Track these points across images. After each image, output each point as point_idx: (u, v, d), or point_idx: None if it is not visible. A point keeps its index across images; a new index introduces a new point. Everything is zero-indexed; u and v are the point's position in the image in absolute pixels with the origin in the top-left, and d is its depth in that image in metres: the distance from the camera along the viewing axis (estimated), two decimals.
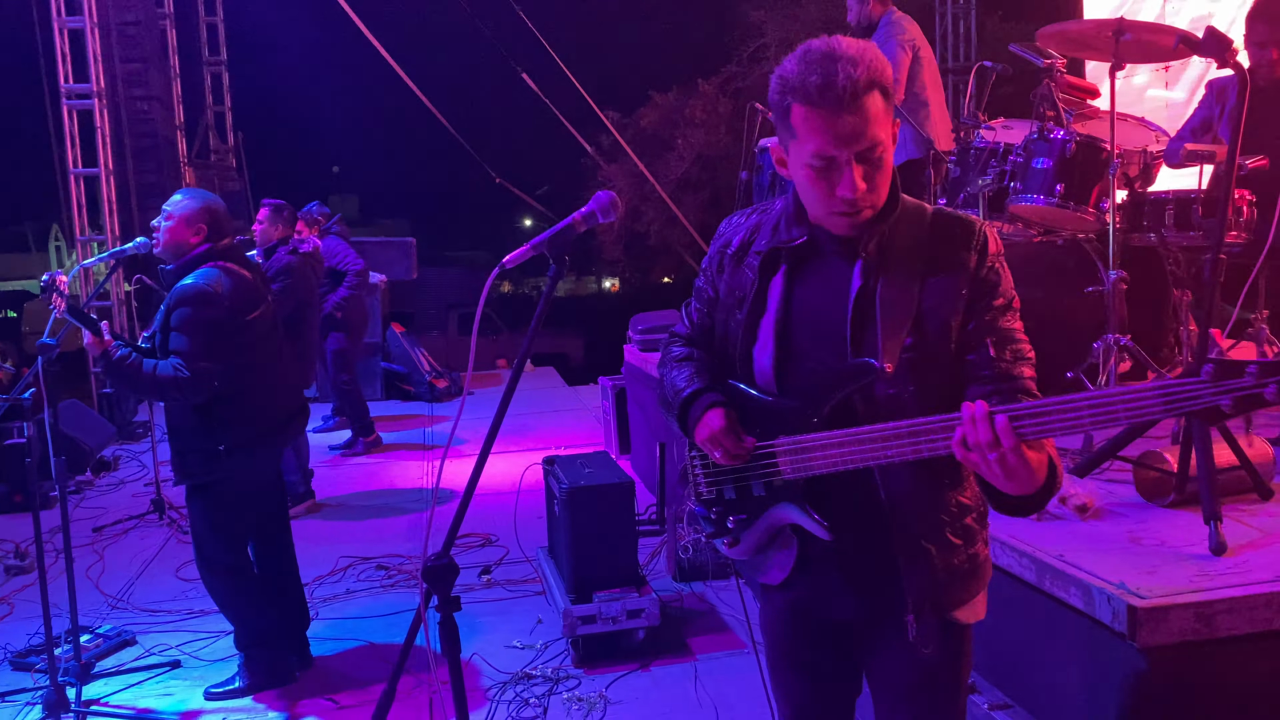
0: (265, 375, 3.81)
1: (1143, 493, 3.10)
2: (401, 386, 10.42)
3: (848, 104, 1.67)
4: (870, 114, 1.69)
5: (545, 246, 1.83)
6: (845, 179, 1.72)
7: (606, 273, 33.80)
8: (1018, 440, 1.58)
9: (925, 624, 1.85)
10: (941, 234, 1.83)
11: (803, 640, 2.05)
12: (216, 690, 3.88)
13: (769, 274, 1.90)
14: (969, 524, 1.89)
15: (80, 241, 9.52)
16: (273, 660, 3.92)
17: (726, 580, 4.82)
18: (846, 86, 1.66)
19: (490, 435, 1.80)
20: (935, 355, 1.79)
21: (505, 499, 5.88)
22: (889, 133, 1.74)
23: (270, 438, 3.85)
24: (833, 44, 1.71)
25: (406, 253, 12.02)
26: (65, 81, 9.37)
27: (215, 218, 3.76)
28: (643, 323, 6.75)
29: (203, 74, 14.38)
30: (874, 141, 1.70)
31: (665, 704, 3.69)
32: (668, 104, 16.90)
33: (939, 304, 1.79)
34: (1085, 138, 4.13)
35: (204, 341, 3.55)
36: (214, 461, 3.67)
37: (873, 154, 1.72)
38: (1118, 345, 3.92)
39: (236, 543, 3.86)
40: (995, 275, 1.83)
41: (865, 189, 1.73)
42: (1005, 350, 1.80)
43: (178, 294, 3.61)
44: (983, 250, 1.82)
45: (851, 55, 1.68)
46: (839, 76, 1.66)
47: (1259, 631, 2.36)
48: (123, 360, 3.53)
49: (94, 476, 7.36)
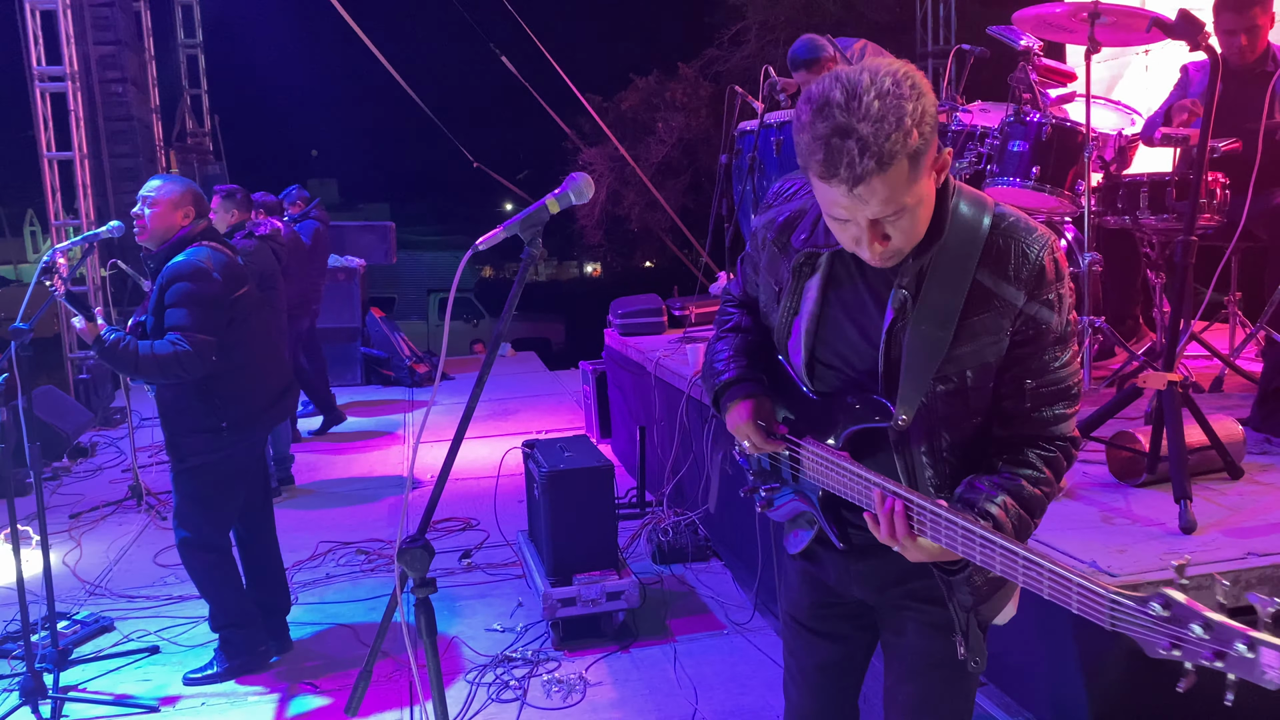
0: (256, 351, 3.86)
1: (1115, 473, 3.13)
2: (381, 371, 10.40)
3: (855, 186, 1.49)
4: (883, 192, 1.50)
5: (518, 228, 1.82)
6: (862, 244, 1.60)
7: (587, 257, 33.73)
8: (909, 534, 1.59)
9: (973, 638, 1.78)
10: (992, 259, 1.64)
11: (819, 608, 2.03)
12: (195, 675, 3.88)
13: (805, 275, 1.79)
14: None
15: (55, 226, 9.42)
16: (250, 640, 3.93)
17: (706, 562, 4.85)
18: (851, 174, 1.48)
19: (463, 421, 1.80)
20: (974, 400, 1.70)
21: (486, 483, 5.89)
22: (918, 189, 1.54)
23: (265, 413, 3.90)
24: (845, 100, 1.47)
25: (385, 237, 11.96)
26: (38, 64, 9.25)
27: (198, 199, 3.81)
28: (623, 307, 6.75)
29: (178, 56, 14.22)
30: (890, 211, 1.53)
31: (645, 685, 3.71)
32: (648, 87, 16.84)
33: (979, 346, 1.66)
34: (1061, 121, 4.16)
35: (202, 314, 3.58)
36: (217, 439, 3.71)
37: (890, 216, 1.55)
38: (1091, 327, 3.96)
39: (225, 522, 3.89)
40: (1046, 310, 1.66)
41: (885, 249, 1.59)
42: (1042, 393, 1.69)
43: (171, 271, 3.63)
44: (1033, 284, 1.64)
45: (864, 132, 1.45)
46: (843, 163, 1.47)
47: (1227, 608, 2.39)
48: (117, 343, 3.54)
49: (71, 463, 7.32)
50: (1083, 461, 3.28)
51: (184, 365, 3.54)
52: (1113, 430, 3.18)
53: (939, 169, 1.60)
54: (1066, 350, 1.70)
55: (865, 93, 1.47)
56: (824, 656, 2.06)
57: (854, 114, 1.47)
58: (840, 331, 1.77)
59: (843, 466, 1.73)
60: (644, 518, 5.32)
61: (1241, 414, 3.42)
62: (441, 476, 1.82)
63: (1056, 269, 1.66)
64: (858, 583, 1.92)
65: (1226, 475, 3.05)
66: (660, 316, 6.65)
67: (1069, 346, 1.71)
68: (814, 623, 2.05)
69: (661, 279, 16.95)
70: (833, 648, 2.05)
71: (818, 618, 2.04)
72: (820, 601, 2.03)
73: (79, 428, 7.78)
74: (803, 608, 2.06)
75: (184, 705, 3.75)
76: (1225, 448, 3.01)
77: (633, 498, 5.57)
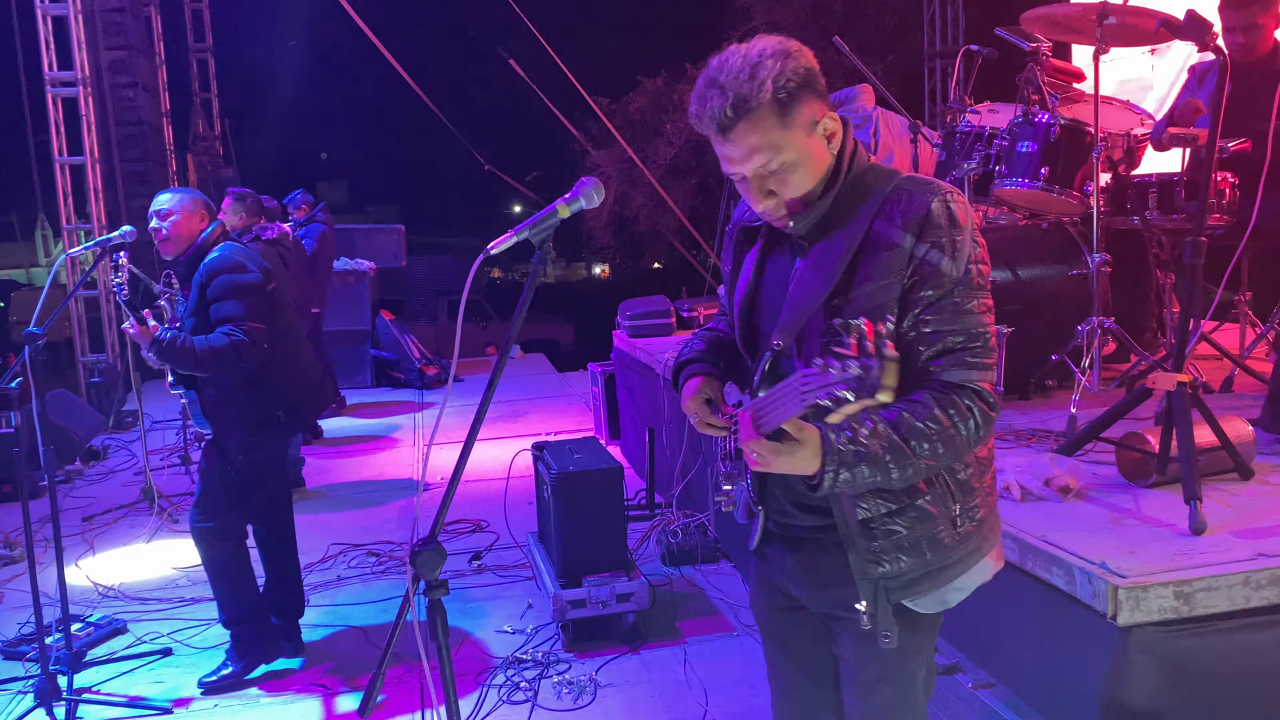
0: (294, 344, 3.95)
1: (1125, 474, 3.13)
2: (391, 374, 10.43)
3: (723, 133, 1.69)
4: (749, 140, 1.68)
5: (528, 233, 1.83)
6: (747, 197, 1.76)
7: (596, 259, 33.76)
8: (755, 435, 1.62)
9: (880, 610, 1.79)
10: (885, 211, 1.72)
11: (777, 616, 2.04)
12: (210, 680, 3.87)
13: (744, 251, 1.95)
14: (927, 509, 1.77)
15: (67, 230, 9.47)
16: (262, 635, 3.94)
17: (716, 564, 4.86)
18: (715, 118, 1.68)
19: (475, 424, 1.81)
20: None
21: (496, 485, 5.90)
22: (795, 144, 1.69)
23: (307, 404, 4.00)
24: (717, 65, 1.70)
25: (395, 240, 12.00)
26: (49, 69, 9.30)
27: (208, 204, 3.88)
28: (631, 309, 6.76)
29: (188, 60, 14.30)
30: (762, 160, 1.69)
31: (655, 686, 3.72)
32: (656, 89, 16.83)
33: (872, 287, 1.70)
34: (1069, 121, 4.15)
35: (252, 303, 3.67)
36: (272, 430, 3.81)
37: (768, 168, 1.70)
38: (1102, 328, 3.96)
39: (249, 514, 3.94)
40: (936, 254, 1.68)
41: (771, 204, 1.75)
42: (939, 340, 1.69)
43: (210, 268, 3.70)
44: (920, 226, 1.69)
45: (724, 82, 1.66)
46: (706, 111, 1.68)
47: (1237, 609, 2.39)
48: (174, 341, 3.60)
49: (83, 466, 7.35)
50: (1092, 462, 3.28)
51: (241, 354, 3.60)
52: (1122, 431, 3.18)
53: (829, 135, 1.74)
54: (970, 299, 1.70)
55: (731, 56, 1.70)
56: (786, 670, 2.07)
57: (719, 71, 1.69)
58: (770, 297, 1.87)
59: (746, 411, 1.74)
60: (653, 519, 5.33)
61: (1252, 414, 3.41)
62: (454, 479, 1.83)
63: (950, 217, 1.70)
64: (793, 579, 1.94)
65: (1237, 476, 3.04)
66: (668, 318, 6.66)
67: (973, 296, 1.71)
68: (773, 626, 2.07)
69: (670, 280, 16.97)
70: (791, 662, 2.05)
71: (775, 621, 2.06)
72: (774, 604, 2.04)
73: (91, 431, 7.83)
74: (763, 611, 2.09)
75: (197, 707, 3.77)
76: (1235, 448, 3.01)
77: (642, 499, 5.58)
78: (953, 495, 1.80)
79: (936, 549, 1.80)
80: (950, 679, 2.92)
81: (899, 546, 1.78)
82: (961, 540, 1.82)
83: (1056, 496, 2.97)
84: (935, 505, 1.78)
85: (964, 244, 1.70)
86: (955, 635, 3.06)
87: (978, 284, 1.72)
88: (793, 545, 1.92)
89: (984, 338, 1.72)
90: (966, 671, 2.94)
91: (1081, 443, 3.32)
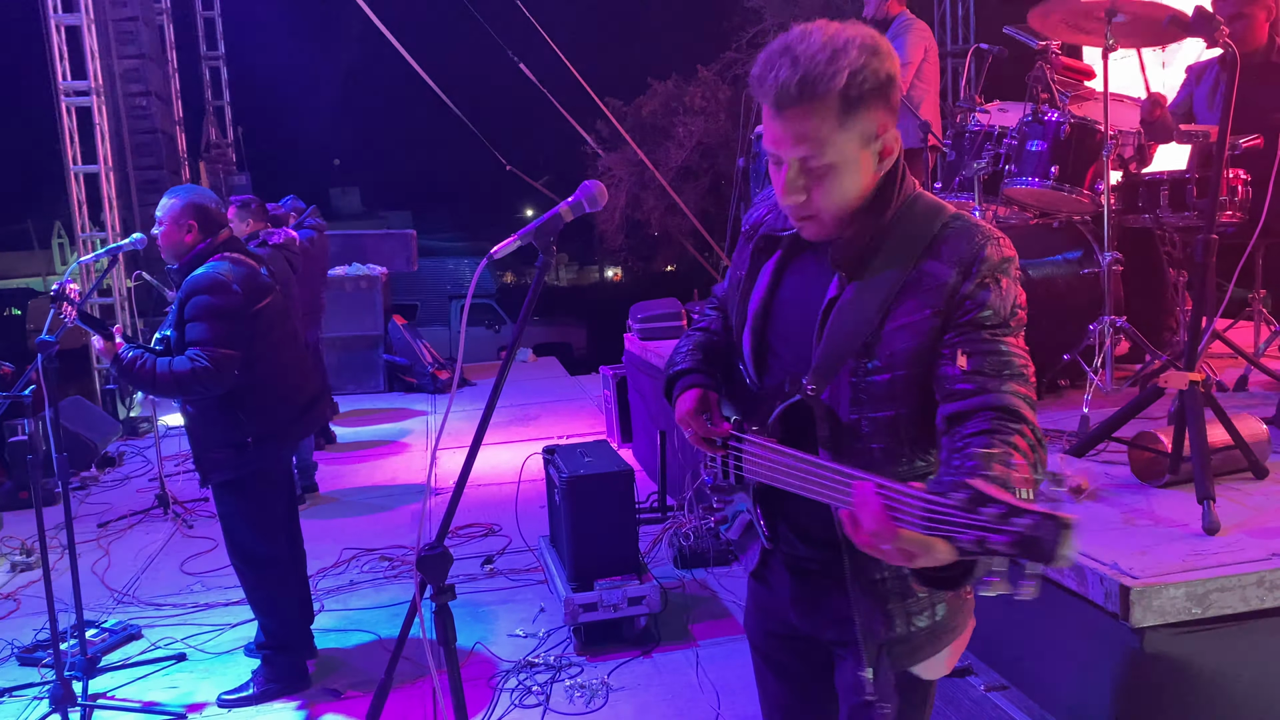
0: (283, 362, 3.82)
1: (1138, 473, 3.10)
2: (404, 378, 10.47)
3: (780, 107, 1.55)
4: (803, 126, 1.54)
5: (532, 237, 1.83)
6: (776, 184, 1.63)
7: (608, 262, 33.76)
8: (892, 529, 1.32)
9: (882, 678, 1.69)
10: (934, 249, 1.62)
11: (773, 638, 1.97)
12: (230, 696, 3.85)
13: (762, 259, 1.81)
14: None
15: (82, 238, 9.54)
16: (293, 666, 3.91)
17: (728, 567, 4.85)
18: (776, 89, 1.54)
19: (480, 428, 1.81)
20: (900, 384, 1.61)
21: (507, 488, 5.91)
22: (845, 147, 1.56)
23: (293, 426, 3.87)
24: (799, 35, 1.56)
25: (406, 245, 12.04)
26: (63, 79, 9.37)
27: (202, 212, 3.74)
28: (643, 311, 6.76)
29: (201, 69, 14.38)
30: (807, 153, 1.56)
31: (667, 690, 3.72)
32: (667, 92, 16.84)
33: (906, 325, 1.60)
34: (1080, 120, 4.13)
35: (223, 329, 3.55)
36: (243, 454, 3.67)
37: (809, 164, 1.57)
38: (1114, 327, 3.93)
39: (272, 534, 3.84)
40: (983, 292, 1.58)
41: (798, 202, 1.61)
42: (984, 362, 1.55)
43: (189, 285, 3.61)
44: (969, 265, 1.58)
45: (799, 54, 1.52)
46: (769, 77, 1.54)
47: (1251, 610, 2.37)
48: (133, 362, 3.53)
49: (98, 472, 7.41)
50: (1105, 462, 3.26)
51: (202, 382, 3.50)
52: (1135, 430, 3.16)
53: (883, 152, 1.61)
54: (1008, 334, 1.59)
55: (816, 32, 1.55)
56: (779, 693, 2.01)
57: (798, 41, 1.55)
58: (786, 314, 1.76)
59: (773, 449, 1.67)
60: (665, 522, 5.32)
61: (1266, 412, 3.38)
62: (460, 483, 1.83)
63: (1000, 258, 1.60)
64: (797, 610, 1.84)
65: (1251, 475, 3.02)
66: (680, 320, 6.66)
67: (1011, 333, 1.60)
68: (767, 649, 1.99)
69: (681, 283, 16.94)
70: (785, 685, 1.99)
71: (770, 646, 1.98)
72: (770, 630, 1.96)
73: (106, 437, 7.88)
74: (758, 635, 2.01)
75: (210, 712, 3.78)
76: (1249, 447, 2.98)
77: (654, 502, 5.58)
78: None
79: (947, 612, 1.72)
80: (962, 681, 2.90)
81: (911, 610, 1.70)
82: (966, 604, 1.76)
83: (1068, 497, 2.95)
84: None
85: (1010, 288, 1.61)
86: None
87: (1020, 326, 1.61)
88: (798, 574, 1.82)
89: (1026, 371, 1.58)
90: (978, 674, 2.93)
91: (1094, 443, 3.30)
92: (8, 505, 6.37)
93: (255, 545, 3.81)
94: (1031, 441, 1.50)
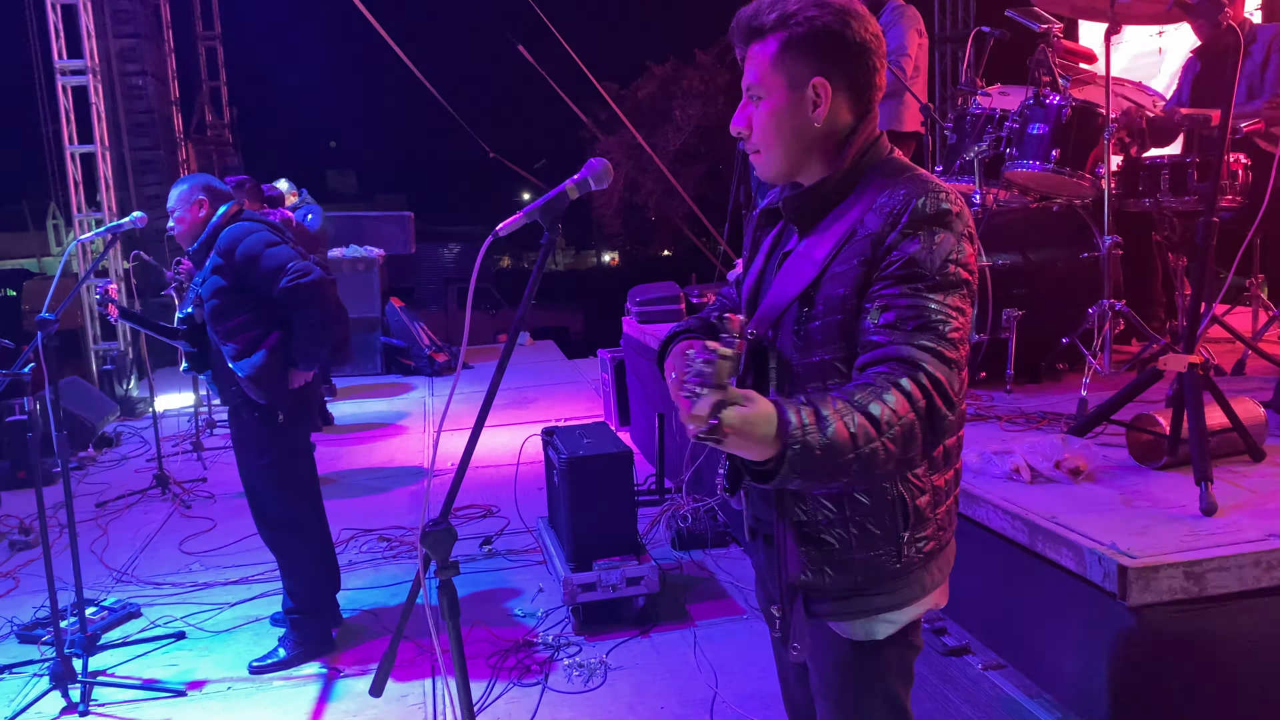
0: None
1: (1136, 455, 3.12)
2: (401, 360, 10.47)
3: (742, 44, 1.70)
4: (751, 63, 1.68)
5: (538, 214, 1.83)
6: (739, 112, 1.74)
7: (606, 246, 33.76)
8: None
9: (794, 620, 1.71)
10: (878, 200, 1.61)
11: (764, 603, 1.98)
12: (260, 663, 3.89)
13: (762, 234, 1.87)
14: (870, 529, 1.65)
15: (78, 219, 9.51)
16: (321, 629, 3.99)
17: (726, 548, 4.86)
18: (740, 26, 1.69)
19: (483, 410, 1.81)
20: (833, 329, 1.62)
21: (506, 470, 5.92)
22: (774, 87, 1.65)
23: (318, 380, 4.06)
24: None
25: (404, 227, 12.02)
26: (59, 58, 9.32)
27: (209, 186, 3.86)
28: (641, 295, 6.76)
29: (197, 49, 14.31)
30: (750, 82, 1.68)
31: (665, 669, 3.74)
32: (665, 75, 16.83)
33: (838, 274, 1.62)
34: (1081, 103, 4.13)
35: (286, 251, 3.71)
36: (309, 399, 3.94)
37: (752, 93, 1.69)
38: (1113, 310, 3.94)
39: (300, 496, 3.98)
40: (907, 242, 1.55)
41: (737, 125, 1.72)
42: (898, 315, 1.53)
43: (228, 239, 3.72)
44: (897, 216, 1.57)
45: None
46: (741, 16, 1.68)
47: (1248, 590, 2.39)
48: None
49: (96, 452, 7.41)
50: (1103, 444, 3.28)
51: (318, 289, 3.67)
52: (1133, 413, 3.18)
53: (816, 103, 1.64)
54: (935, 289, 1.54)
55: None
56: (784, 662, 2.04)
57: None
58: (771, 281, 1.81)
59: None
60: (663, 504, 5.34)
61: (1263, 396, 3.40)
62: (464, 461, 1.83)
63: (937, 214, 1.57)
64: (766, 573, 1.89)
65: (1248, 458, 3.04)
66: (678, 304, 6.65)
67: (941, 291, 1.55)
68: (767, 619, 1.98)
69: (679, 267, 16.94)
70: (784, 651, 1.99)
71: (767, 615, 1.97)
72: (765, 596, 1.96)
73: (103, 418, 7.87)
74: (761, 602, 2.04)
75: (210, 689, 3.80)
76: (1247, 430, 3.00)
77: (652, 484, 5.59)
78: (904, 519, 1.65)
79: (872, 573, 1.67)
80: (960, 660, 2.93)
81: (828, 559, 1.67)
82: (903, 571, 1.68)
83: (1067, 478, 2.97)
84: (880, 525, 1.65)
85: (945, 241, 1.56)
86: (965, 616, 3.07)
87: (952, 283, 1.56)
88: (766, 541, 1.84)
89: (950, 333, 1.53)
90: (976, 653, 2.95)
91: (1092, 425, 3.31)
92: (6, 484, 6.36)
93: (281, 509, 3.91)
94: (911, 390, 1.46)
